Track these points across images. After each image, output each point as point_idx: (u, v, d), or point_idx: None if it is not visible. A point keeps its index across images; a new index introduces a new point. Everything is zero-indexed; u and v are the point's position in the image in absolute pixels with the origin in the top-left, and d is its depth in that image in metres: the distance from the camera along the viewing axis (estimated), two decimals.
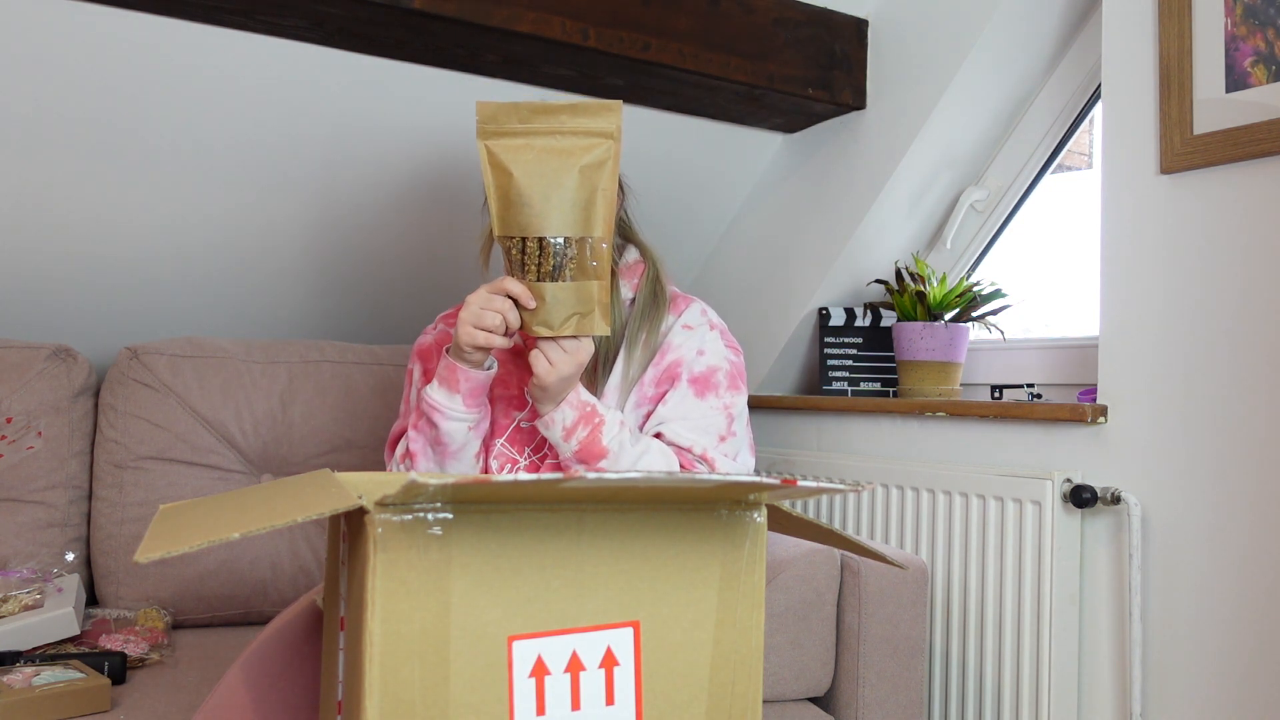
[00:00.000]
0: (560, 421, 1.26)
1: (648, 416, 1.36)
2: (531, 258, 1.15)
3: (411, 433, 1.32)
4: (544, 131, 1.14)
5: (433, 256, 2.10)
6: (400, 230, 2.02)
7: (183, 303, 1.99)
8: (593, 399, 1.28)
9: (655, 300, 1.40)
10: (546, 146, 1.13)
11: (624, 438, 1.28)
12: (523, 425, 1.37)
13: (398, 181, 1.94)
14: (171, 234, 1.85)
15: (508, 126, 1.14)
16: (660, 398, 1.36)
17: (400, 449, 1.37)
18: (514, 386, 1.39)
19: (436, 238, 2.06)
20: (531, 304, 1.17)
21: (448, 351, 1.27)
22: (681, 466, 1.32)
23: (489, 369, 1.28)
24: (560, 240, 1.14)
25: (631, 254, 1.45)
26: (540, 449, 1.36)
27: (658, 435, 1.33)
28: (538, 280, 1.16)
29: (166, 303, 1.97)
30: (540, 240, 1.14)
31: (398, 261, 2.08)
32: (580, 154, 1.14)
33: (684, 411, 1.34)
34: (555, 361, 1.21)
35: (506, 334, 1.21)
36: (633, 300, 1.41)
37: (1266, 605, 1.36)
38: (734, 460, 1.36)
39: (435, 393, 1.27)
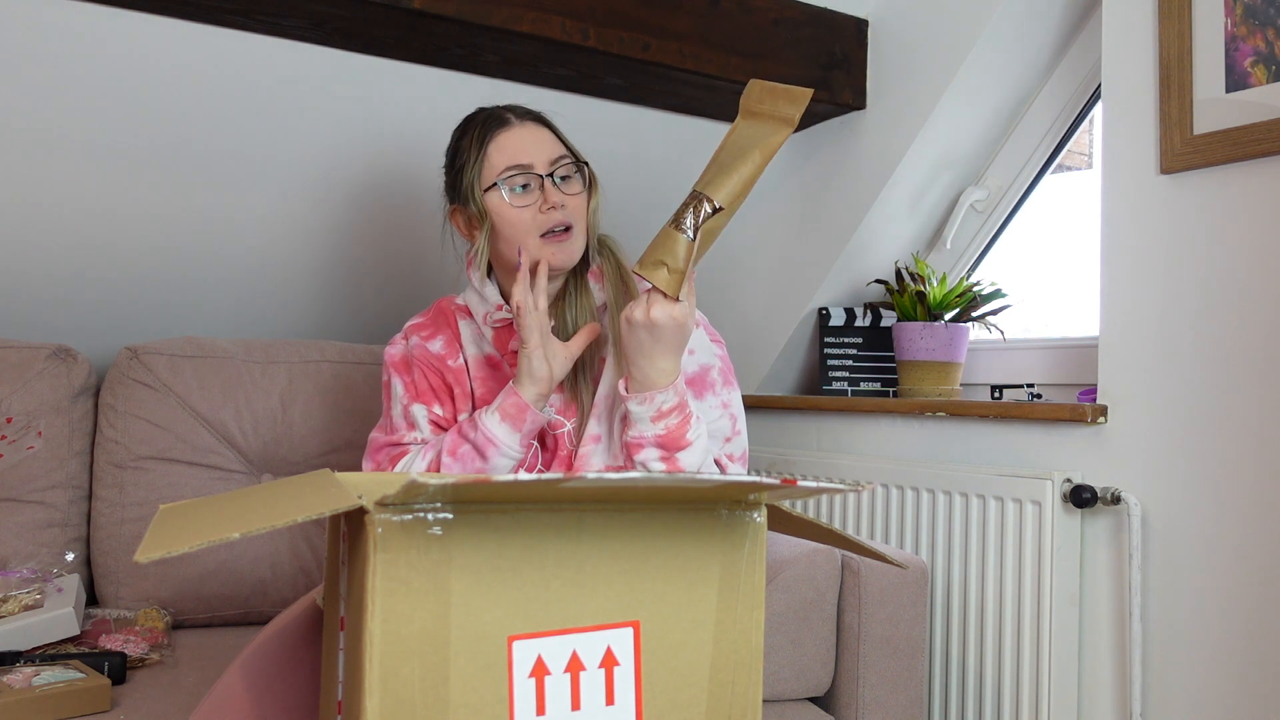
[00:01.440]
0: (660, 403, 1.22)
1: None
2: (683, 211, 1.20)
3: (447, 459, 1.29)
4: (773, 109, 1.24)
5: (433, 257, 2.10)
6: (400, 230, 2.02)
7: (183, 303, 1.98)
8: (687, 390, 1.27)
9: (629, 296, 1.36)
10: (752, 128, 1.23)
11: (703, 436, 1.26)
12: None
13: (398, 181, 1.94)
14: (171, 234, 1.85)
15: (753, 106, 1.24)
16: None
17: (401, 467, 1.34)
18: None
19: (437, 238, 2.06)
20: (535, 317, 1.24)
21: (515, 385, 1.26)
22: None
23: (549, 415, 1.30)
24: (712, 200, 1.20)
25: (599, 254, 1.41)
26: (549, 448, 1.34)
27: None
28: (675, 229, 1.20)
29: (166, 303, 1.97)
30: (710, 200, 1.20)
31: (398, 261, 2.08)
32: (763, 134, 1.23)
33: None
34: (675, 313, 1.19)
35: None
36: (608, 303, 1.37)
37: (1266, 605, 1.36)
38: (740, 462, 1.36)
39: (497, 427, 1.26)
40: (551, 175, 1.32)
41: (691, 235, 1.19)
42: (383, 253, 2.06)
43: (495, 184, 1.32)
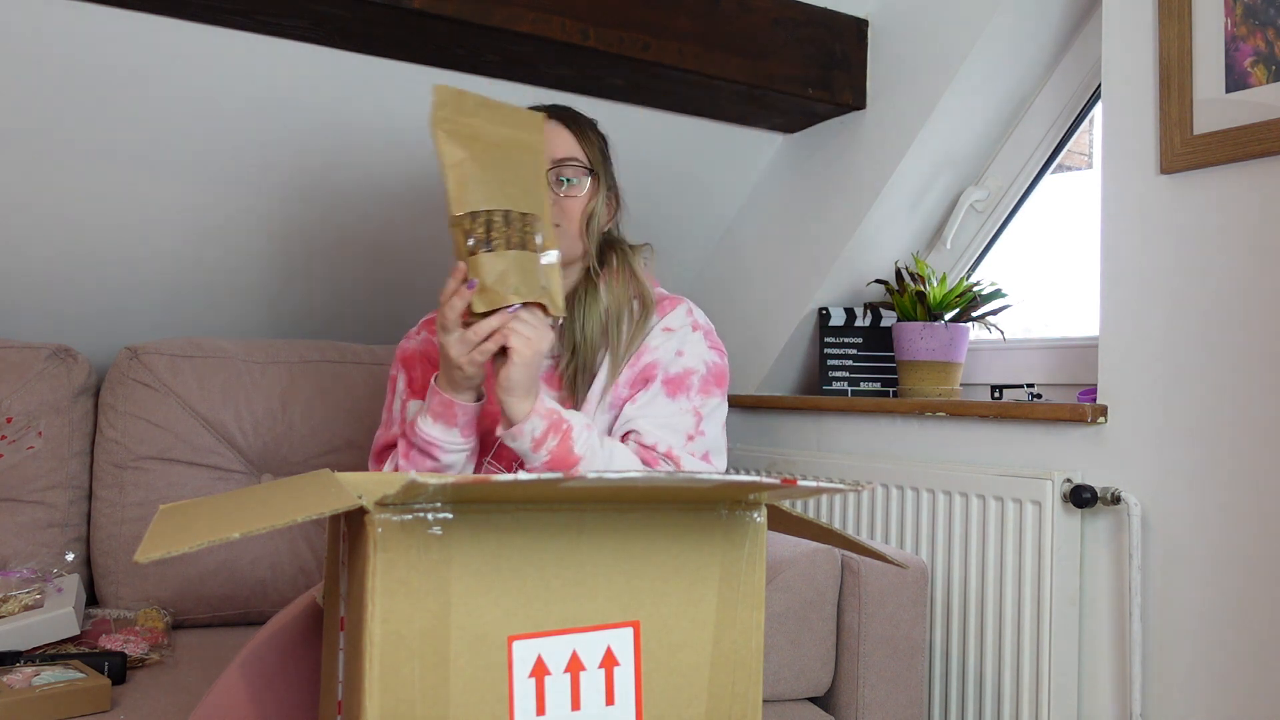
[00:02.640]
0: (530, 432, 1.18)
1: (617, 418, 1.33)
2: (496, 229, 1.14)
3: (402, 462, 1.28)
4: (487, 124, 1.18)
5: (432, 256, 2.10)
6: (400, 230, 2.02)
7: (183, 303, 1.98)
8: (555, 404, 1.22)
9: (640, 304, 1.37)
10: (493, 134, 1.18)
11: (593, 442, 1.23)
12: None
13: (398, 181, 1.94)
14: (172, 233, 1.85)
15: (459, 116, 1.16)
16: (632, 399, 1.33)
17: (389, 467, 1.35)
18: (495, 401, 1.37)
19: (436, 238, 2.06)
20: (467, 280, 1.13)
21: (436, 384, 1.22)
22: (645, 464, 1.28)
23: (481, 399, 1.25)
24: (511, 212, 1.15)
25: (613, 259, 1.41)
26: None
27: (626, 435, 1.30)
28: (505, 249, 1.14)
29: (166, 303, 1.97)
30: (495, 212, 1.14)
31: (398, 261, 2.08)
32: (520, 147, 1.20)
33: (653, 410, 1.31)
34: (530, 336, 1.12)
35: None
36: (612, 307, 1.38)
37: (1266, 605, 1.36)
38: (701, 460, 1.31)
39: (431, 429, 1.23)
40: (550, 173, 1.33)
41: (549, 260, 1.17)
42: (383, 253, 2.06)
43: None
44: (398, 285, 2.13)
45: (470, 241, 1.13)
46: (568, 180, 1.35)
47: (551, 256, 1.17)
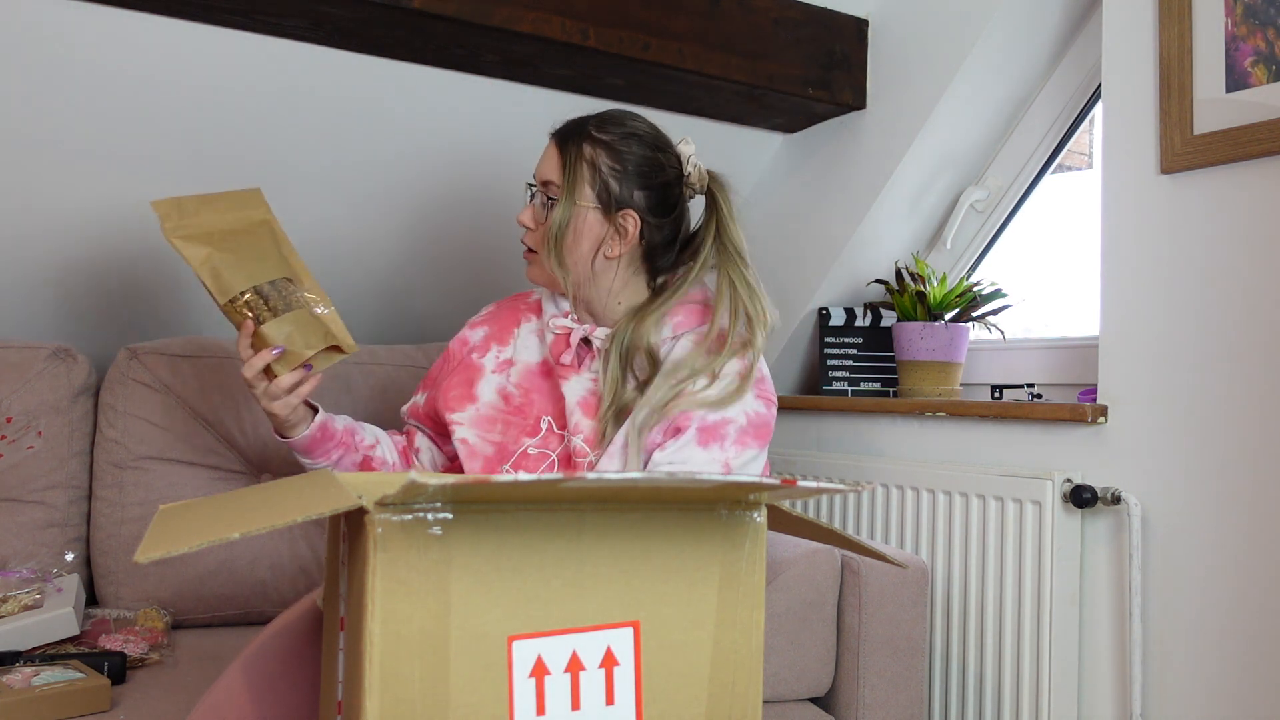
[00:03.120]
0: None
1: (647, 464, 1.29)
2: (259, 305, 1.29)
3: None
4: (213, 216, 1.32)
5: (431, 257, 2.10)
6: (399, 231, 2.02)
7: (183, 303, 1.98)
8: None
9: (709, 356, 1.29)
10: (221, 222, 1.33)
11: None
12: (531, 452, 1.35)
13: (396, 182, 1.94)
14: None
15: (185, 220, 1.30)
16: (662, 445, 1.28)
17: None
18: (530, 414, 1.37)
19: (435, 238, 2.06)
20: (270, 348, 1.28)
21: (276, 432, 1.37)
22: None
23: (312, 424, 1.36)
24: (264, 284, 1.30)
25: (696, 289, 1.38)
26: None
27: None
28: (278, 314, 1.29)
29: (166, 303, 1.97)
30: (256, 287, 1.29)
31: (396, 262, 2.08)
32: (250, 223, 1.35)
33: (682, 458, 1.26)
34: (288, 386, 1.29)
35: (303, 377, 1.30)
36: (673, 338, 1.33)
37: (1266, 605, 1.36)
38: None
39: (296, 456, 1.41)
40: (533, 197, 1.38)
41: (321, 308, 1.33)
42: (381, 253, 2.06)
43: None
44: (396, 285, 2.13)
45: (246, 319, 1.28)
46: (539, 203, 1.37)
47: (323, 307, 1.33)
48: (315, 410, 1.38)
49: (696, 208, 1.46)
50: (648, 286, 1.39)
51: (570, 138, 1.35)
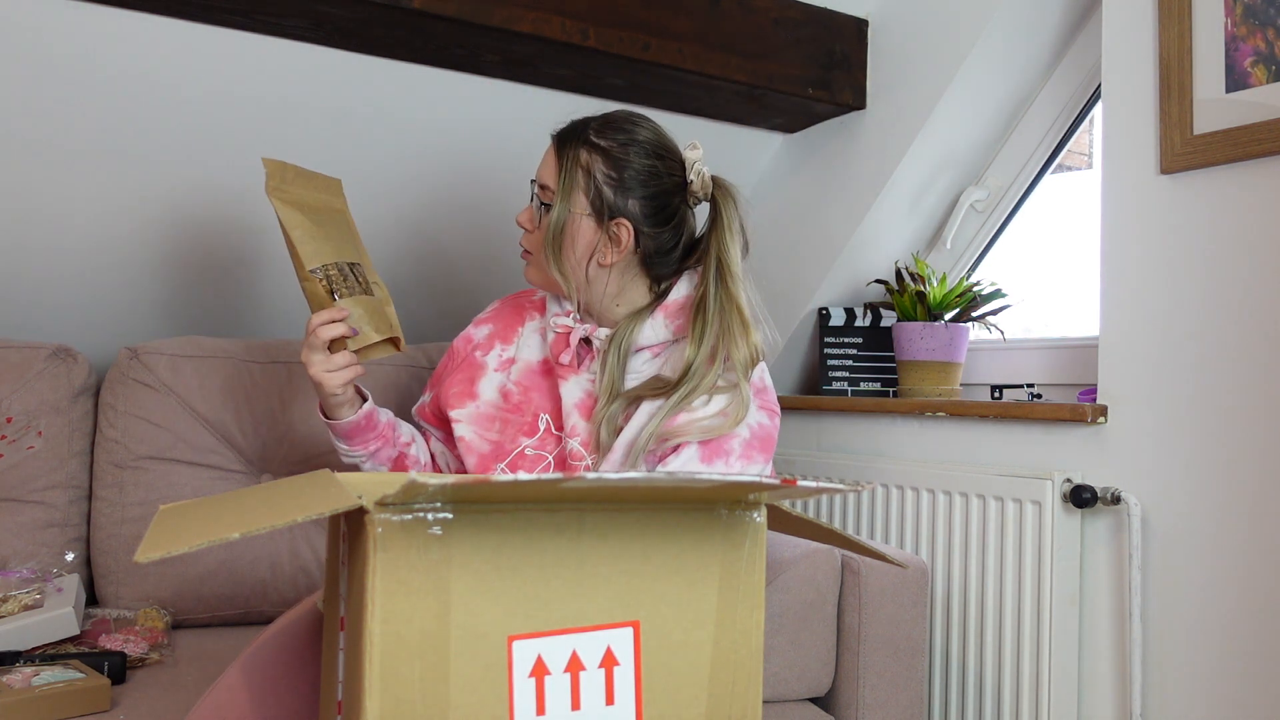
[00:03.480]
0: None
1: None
2: (339, 281, 1.31)
3: None
4: (307, 191, 1.36)
5: (431, 256, 2.10)
6: (399, 230, 2.02)
7: (183, 303, 1.98)
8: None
9: (711, 361, 1.28)
10: (314, 198, 1.36)
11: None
12: (528, 452, 1.35)
13: (397, 182, 1.94)
14: (172, 233, 1.85)
15: (287, 185, 1.34)
16: (664, 456, 1.27)
17: None
18: (527, 412, 1.37)
19: (435, 237, 2.06)
20: (345, 315, 1.28)
21: (322, 410, 1.36)
22: None
23: (358, 411, 1.35)
24: (345, 264, 1.33)
25: (681, 289, 1.36)
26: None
27: None
28: (351, 295, 1.31)
29: (166, 303, 1.97)
30: (339, 264, 1.32)
31: (397, 261, 2.08)
32: (333, 207, 1.39)
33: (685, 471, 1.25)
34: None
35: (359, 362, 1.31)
36: (671, 341, 1.33)
37: (1267, 605, 1.36)
38: None
39: (333, 440, 1.40)
40: (533, 199, 1.38)
41: (388, 306, 1.36)
42: (382, 253, 2.06)
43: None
44: (397, 285, 2.13)
45: (325, 292, 1.29)
46: (536, 205, 1.37)
47: (388, 303, 1.36)
48: (364, 399, 1.37)
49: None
50: (650, 290, 1.38)
51: (568, 141, 1.34)
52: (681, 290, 1.36)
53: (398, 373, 1.90)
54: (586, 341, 1.36)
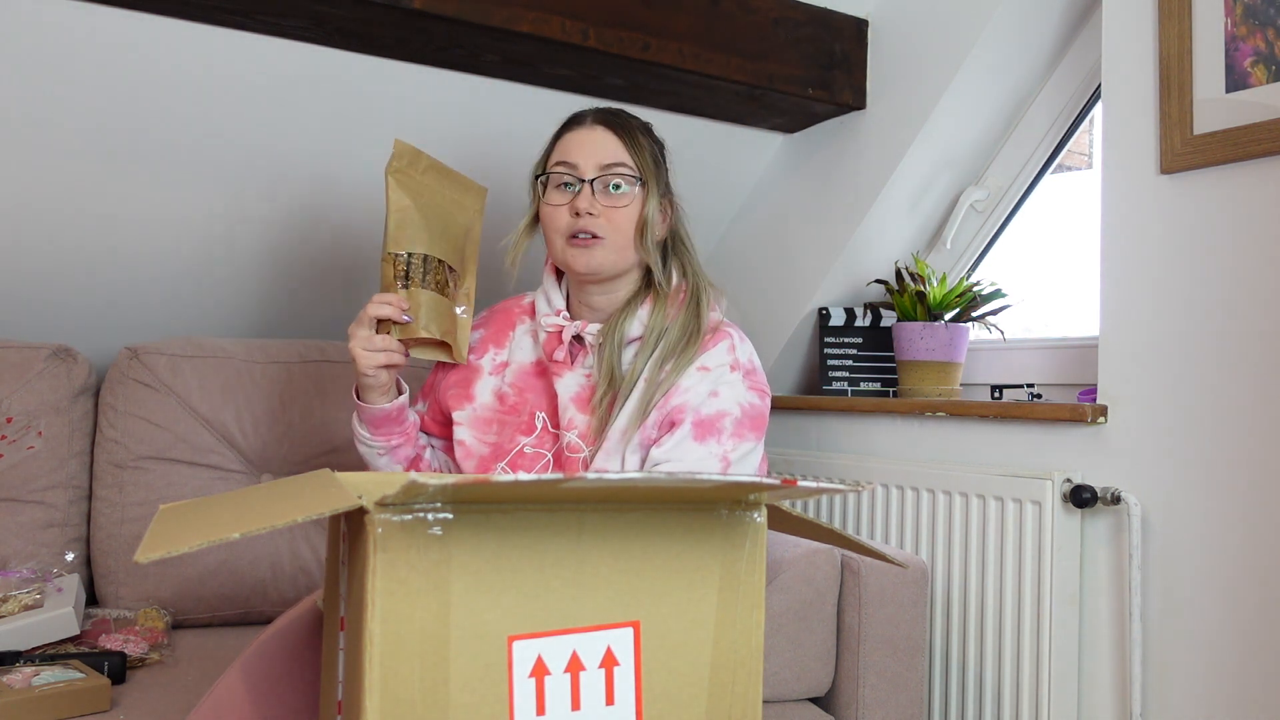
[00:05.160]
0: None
1: (645, 460, 1.30)
2: (416, 270, 1.30)
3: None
4: (435, 184, 1.35)
5: None
6: None
7: (183, 303, 1.98)
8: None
9: (685, 339, 1.33)
10: (438, 194, 1.36)
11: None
12: (527, 451, 1.36)
13: None
14: (172, 233, 1.85)
15: (412, 170, 1.33)
16: (659, 441, 1.29)
17: None
18: (524, 411, 1.38)
19: None
20: (405, 308, 1.28)
21: (356, 390, 1.35)
22: None
23: (392, 402, 1.35)
24: (432, 258, 1.31)
25: (678, 282, 1.39)
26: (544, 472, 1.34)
27: None
28: (422, 288, 1.30)
29: (166, 303, 1.97)
30: (425, 256, 1.31)
31: None
32: (460, 210, 1.38)
33: (679, 454, 1.26)
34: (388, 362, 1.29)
35: (402, 353, 1.31)
36: (662, 331, 1.35)
37: (1266, 604, 1.36)
38: None
39: (355, 422, 1.38)
40: (594, 181, 1.33)
41: (465, 314, 1.36)
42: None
43: (545, 174, 1.37)
44: None
45: (396, 275, 1.29)
46: (614, 187, 1.33)
47: (463, 311, 1.35)
48: (401, 392, 1.38)
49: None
50: (640, 278, 1.40)
51: (624, 123, 1.38)
52: (681, 279, 1.41)
53: (346, 370, 1.89)
54: (578, 339, 1.37)
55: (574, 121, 1.38)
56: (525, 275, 1.46)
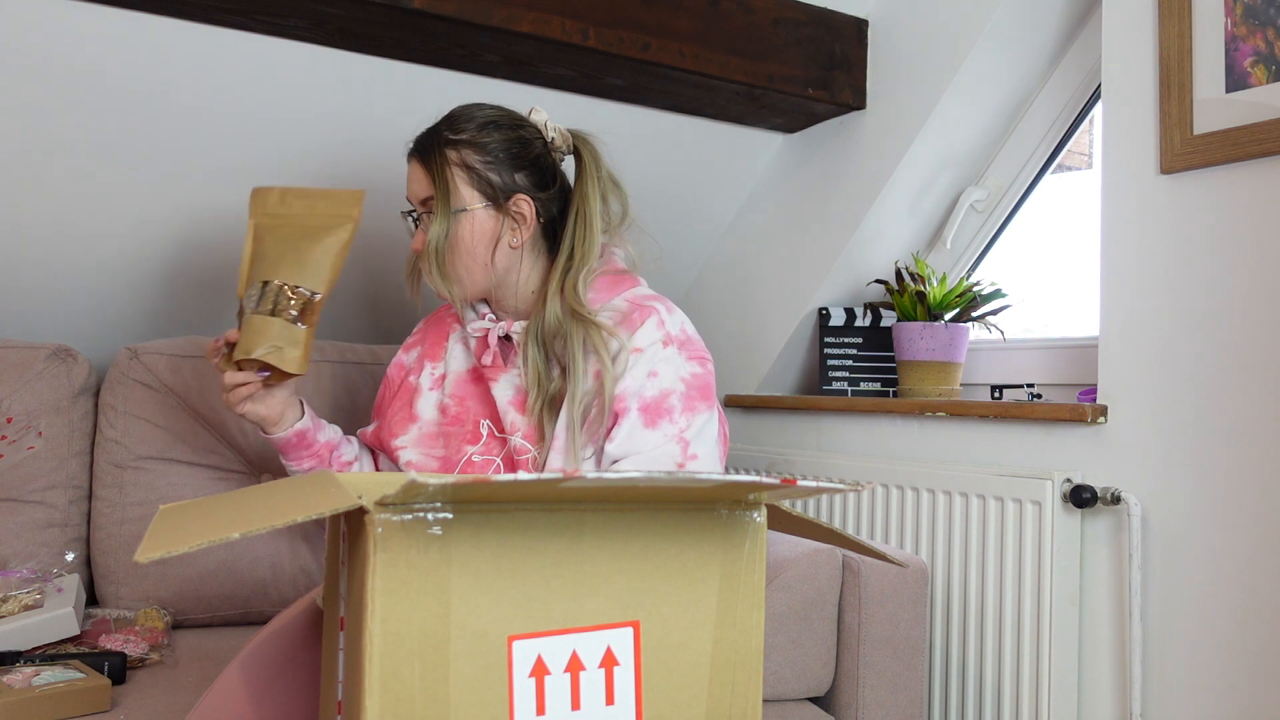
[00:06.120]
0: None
1: (600, 457, 1.27)
2: (250, 301, 1.32)
3: None
4: (301, 210, 1.37)
5: None
6: (399, 230, 2.02)
7: (183, 303, 1.98)
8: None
9: (588, 330, 1.29)
10: (305, 218, 1.37)
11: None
12: (475, 459, 1.35)
13: (397, 182, 1.93)
14: (172, 233, 1.85)
15: (263, 210, 1.37)
16: (609, 436, 1.26)
17: None
18: (467, 421, 1.38)
19: None
20: (221, 343, 1.32)
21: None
22: None
23: (290, 429, 1.39)
24: (272, 284, 1.32)
25: (603, 261, 1.38)
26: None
27: None
28: (254, 314, 1.31)
29: (166, 303, 1.97)
30: (265, 283, 1.32)
31: (397, 262, 2.08)
32: (333, 222, 1.37)
33: (634, 445, 1.24)
34: (254, 405, 1.34)
35: (254, 382, 1.32)
36: (549, 332, 1.34)
37: (1267, 605, 1.36)
38: None
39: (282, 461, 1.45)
40: (420, 218, 1.39)
41: (301, 324, 1.33)
42: (382, 252, 2.06)
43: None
44: (398, 285, 2.13)
45: (238, 315, 1.32)
46: (417, 220, 1.38)
47: (301, 323, 1.33)
48: (302, 415, 1.40)
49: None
50: (551, 266, 1.37)
51: (430, 149, 1.36)
52: (603, 260, 1.40)
53: (346, 370, 1.89)
54: (508, 339, 1.37)
55: (407, 158, 1.41)
56: None
